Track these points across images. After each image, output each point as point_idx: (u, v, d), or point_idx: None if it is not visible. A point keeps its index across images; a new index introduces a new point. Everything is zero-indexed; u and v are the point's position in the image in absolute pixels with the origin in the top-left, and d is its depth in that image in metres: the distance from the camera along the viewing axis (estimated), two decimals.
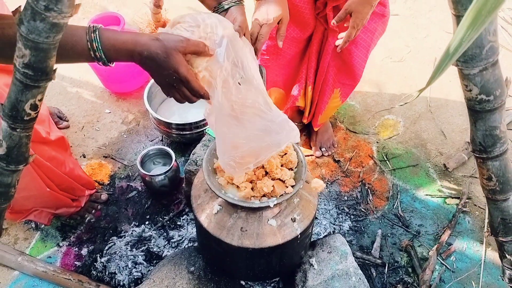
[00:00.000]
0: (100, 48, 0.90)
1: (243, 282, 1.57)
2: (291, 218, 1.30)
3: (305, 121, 2.15)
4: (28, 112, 0.80)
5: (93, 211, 1.97)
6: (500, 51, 0.77)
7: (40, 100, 0.80)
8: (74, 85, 2.53)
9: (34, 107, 0.80)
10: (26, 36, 0.70)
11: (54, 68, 0.76)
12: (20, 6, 0.70)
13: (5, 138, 0.83)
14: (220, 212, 1.30)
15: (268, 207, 1.21)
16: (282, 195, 1.22)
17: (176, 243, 1.86)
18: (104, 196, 2.00)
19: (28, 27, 0.69)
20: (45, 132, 1.64)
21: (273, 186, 1.22)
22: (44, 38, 0.71)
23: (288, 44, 1.78)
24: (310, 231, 1.41)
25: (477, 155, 0.92)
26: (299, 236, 1.30)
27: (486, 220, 1.96)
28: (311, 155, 2.23)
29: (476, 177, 2.15)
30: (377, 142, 2.31)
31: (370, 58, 1.86)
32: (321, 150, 2.22)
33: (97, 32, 0.89)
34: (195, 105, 2.26)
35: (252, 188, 1.24)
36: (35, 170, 1.60)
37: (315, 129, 2.18)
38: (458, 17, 0.72)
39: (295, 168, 1.29)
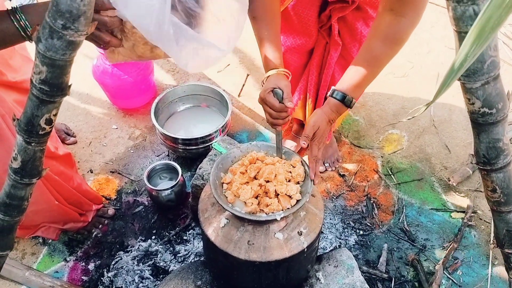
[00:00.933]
0: (22, 16, 0.90)
1: None
2: (298, 232, 1.31)
3: None
4: (43, 127, 0.82)
5: (100, 226, 1.98)
6: (501, 66, 0.79)
7: (55, 115, 0.83)
8: (82, 101, 2.56)
9: (49, 122, 0.82)
10: (44, 54, 0.73)
11: (69, 84, 0.79)
12: (38, 25, 0.74)
13: (20, 152, 0.86)
14: (227, 225, 1.31)
15: (275, 220, 1.22)
16: (288, 208, 1.23)
17: (182, 258, 1.86)
18: (111, 211, 2.01)
19: (46, 45, 0.72)
20: (54, 147, 1.66)
21: (278, 200, 1.24)
22: (60, 55, 0.73)
23: (291, 54, 1.82)
24: (316, 245, 1.42)
25: (481, 167, 0.93)
26: (305, 249, 1.30)
27: (492, 234, 1.95)
28: None
29: (481, 191, 2.15)
30: (381, 156, 2.32)
31: None
32: (324, 165, 2.23)
33: (17, 6, 0.91)
34: (202, 120, 2.32)
35: (258, 203, 1.25)
36: (44, 184, 1.62)
37: (327, 142, 2.18)
38: (460, 33, 0.75)
39: (302, 181, 1.31)
